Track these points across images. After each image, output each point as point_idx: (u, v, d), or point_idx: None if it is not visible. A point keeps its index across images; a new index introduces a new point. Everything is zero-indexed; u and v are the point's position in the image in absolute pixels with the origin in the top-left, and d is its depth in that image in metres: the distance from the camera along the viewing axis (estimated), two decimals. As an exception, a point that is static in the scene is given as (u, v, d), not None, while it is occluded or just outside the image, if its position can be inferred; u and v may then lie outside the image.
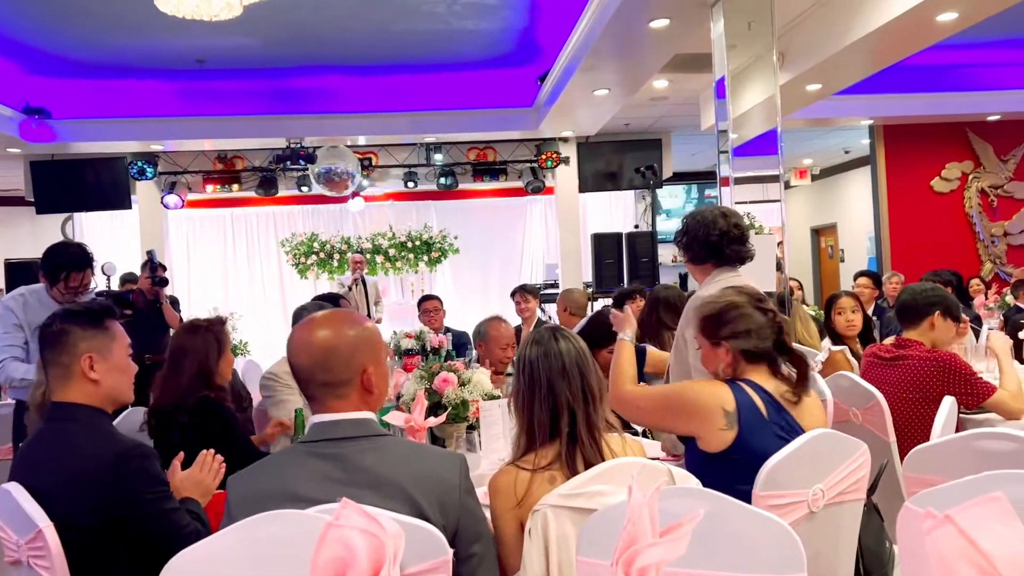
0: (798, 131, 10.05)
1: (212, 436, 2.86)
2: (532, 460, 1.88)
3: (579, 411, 1.90)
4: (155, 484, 1.91)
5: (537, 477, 1.84)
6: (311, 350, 1.61)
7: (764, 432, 2.11)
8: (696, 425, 2.16)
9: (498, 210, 12.14)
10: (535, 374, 1.95)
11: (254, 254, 12.24)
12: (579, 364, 1.95)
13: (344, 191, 9.26)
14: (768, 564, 1.48)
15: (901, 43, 6.26)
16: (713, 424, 2.12)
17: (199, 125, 8.83)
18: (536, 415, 1.93)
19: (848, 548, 2.11)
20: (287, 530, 1.40)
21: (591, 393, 1.94)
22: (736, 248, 2.96)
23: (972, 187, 9.96)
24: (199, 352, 2.92)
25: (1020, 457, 1.91)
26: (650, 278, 9.54)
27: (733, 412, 2.12)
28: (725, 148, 5.01)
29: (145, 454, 1.92)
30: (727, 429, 2.11)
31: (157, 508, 1.89)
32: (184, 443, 2.78)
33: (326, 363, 1.60)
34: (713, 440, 2.13)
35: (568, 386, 1.92)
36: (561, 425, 1.90)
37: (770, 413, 2.14)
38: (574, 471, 1.84)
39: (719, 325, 2.22)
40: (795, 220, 13.99)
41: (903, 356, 3.16)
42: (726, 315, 2.22)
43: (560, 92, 7.72)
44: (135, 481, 1.87)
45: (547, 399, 1.92)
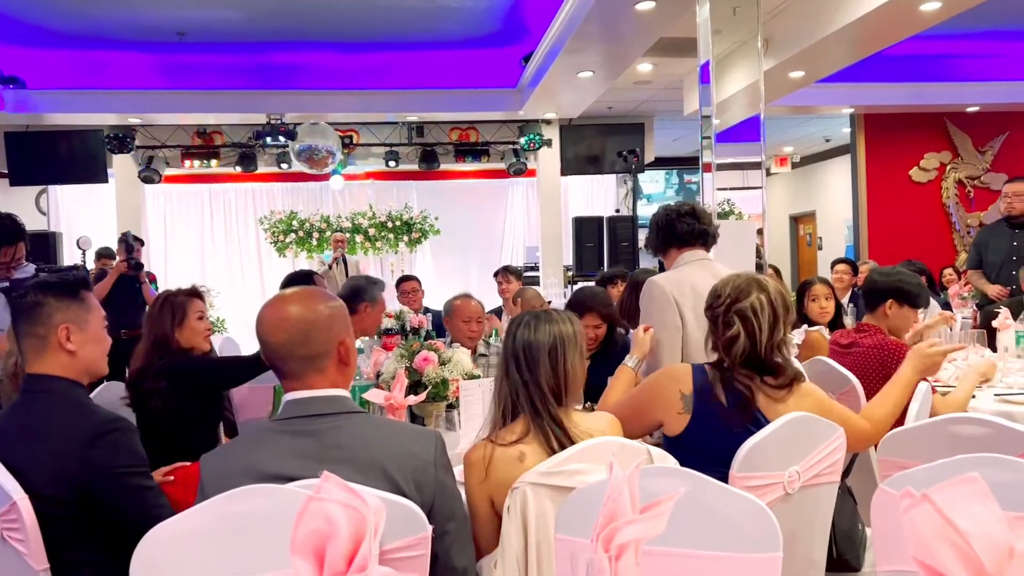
0: (779, 118, 10.10)
1: (185, 380, 2.89)
2: (501, 436, 1.90)
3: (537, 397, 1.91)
4: (130, 459, 1.89)
5: (504, 453, 1.85)
6: (287, 325, 1.60)
7: (718, 418, 2.10)
8: (660, 411, 2.16)
9: (479, 191, 12.10)
10: (510, 350, 1.97)
11: (232, 231, 12.12)
12: (551, 351, 1.94)
13: (324, 169, 9.19)
14: (744, 543, 1.49)
15: (884, 32, 6.29)
16: (672, 407, 2.13)
17: (178, 99, 8.71)
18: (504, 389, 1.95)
19: (823, 530, 2.14)
20: (262, 505, 1.39)
21: (557, 382, 1.94)
22: (689, 222, 2.96)
23: (950, 177, 10.07)
24: (157, 321, 2.99)
25: (993, 441, 1.94)
26: (630, 262, 9.58)
27: (690, 395, 2.13)
28: (708, 134, 5.01)
29: (122, 427, 1.89)
30: (684, 412, 2.12)
31: (130, 484, 1.87)
32: (165, 407, 2.79)
33: (306, 337, 1.59)
34: (673, 424, 2.14)
35: (536, 369, 1.92)
36: (535, 402, 1.91)
37: (729, 400, 2.12)
38: (549, 446, 1.85)
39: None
40: (774, 207, 14.08)
41: (856, 343, 3.18)
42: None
43: (544, 73, 7.69)
44: (110, 454, 1.84)
45: (516, 376, 1.94)
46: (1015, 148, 10.09)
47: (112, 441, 1.85)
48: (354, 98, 8.94)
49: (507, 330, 2.03)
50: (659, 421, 2.16)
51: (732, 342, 2.13)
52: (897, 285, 3.21)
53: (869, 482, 2.78)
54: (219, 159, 9.64)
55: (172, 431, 2.80)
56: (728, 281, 2.23)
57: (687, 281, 2.89)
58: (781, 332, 2.17)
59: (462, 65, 8.68)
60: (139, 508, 1.86)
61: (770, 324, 2.13)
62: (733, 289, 2.18)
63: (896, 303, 3.18)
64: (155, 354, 2.94)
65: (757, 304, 2.14)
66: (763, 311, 2.13)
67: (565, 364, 1.96)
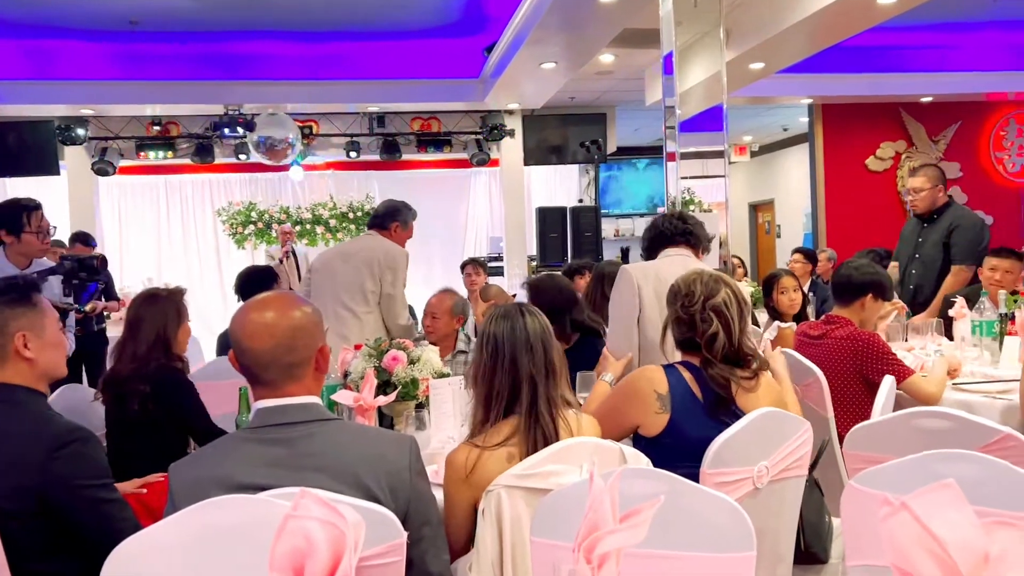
0: (738, 108, 10.18)
1: (173, 406, 2.81)
2: (487, 438, 1.88)
3: (540, 385, 1.91)
4: (92, 470, 1.84)
5: (492, 455, 1.84)
6: (274, 332, 1.56)
7: (697, 415, 2.14)
8: (636, 413, 2.17)
9: (442, 182, 12.04)
10: (499, 346, 1.95)
11: (189, 223, 11.92)
12: (543, 339, 1.96)
13: (284, 160, 9.05)
14: (719, 543, 1.51)
15: (843, 24, 6.37)
16: (649, 408, 2.15)
17: (132, 89, 8.49)
18: (496, 387, 1.93)
19: (790, 523, 2.17)
20: (235, 516, 1.37)
21: (552, 368, 1.95)
22: (674, 222, 3.03)
23: (905, 166, 10.25)
24: (157, 320, 2.88)
25: (957, 435, 1.99)
26: (594, 252, 9.63)
27: (666, 395, 2.15)
28: (672, 124, 5.04)
29: (83, 438, 1.85)
30: (662, 412, 2.14)
31: (91, 496, 1.83)
32: (143, 413, 2.73)
33: (291, 343, 1.56)
34: (650, 425, 2.15)
35: (532, 360, 1.92)
36: (522, 397, 1.90)
37: (706, 395, 2.16)
38: (533, 446, 1.84)
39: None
40: (733, 196, 14.22)
41: (827, 334, 3.21)
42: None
43: (507, 64, 7.66)
44: (70, 466, 1.80)
45: (509, 371, 1.92)
46: (967, 137, 10.32)
47: (73, 452, 1.80)
48: (314, 88, 8.81)
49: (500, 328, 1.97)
50: (636, 423, 2.17)
51: (713, 338, 2.18)
52: (875, 279, 3.28)
53: (833, 472, 2.83)
54: (175, 150, 9.44)
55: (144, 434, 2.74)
56: (694, 279, 2.27)
57: (653, 267, 2.97)
58: (746, 322, 2.27)
59: (424, 55, 8.60)
60: (101, 521, 1.82)
61: (739, 316, 2.23)
62: (703, 287, 2.22)
63: (874, 297, 3.25)
64: (153, 354, 2.84)
65: (728, 298, 2.22)
66: (732, 305, 2.22)
67: (559, 347, 2.02)
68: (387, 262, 4.00)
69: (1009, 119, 10.37)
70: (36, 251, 3.63)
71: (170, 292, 2.99)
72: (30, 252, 3.61)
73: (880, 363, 3.03)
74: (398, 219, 4.14)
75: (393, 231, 4.13)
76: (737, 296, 2.25)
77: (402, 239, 4.15)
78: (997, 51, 9.44)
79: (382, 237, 4.12)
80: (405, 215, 4.17)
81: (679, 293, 2.27)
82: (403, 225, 4.15)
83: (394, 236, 4.13)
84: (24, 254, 3.60)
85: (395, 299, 3.98)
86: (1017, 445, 1.97)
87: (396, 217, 4.15)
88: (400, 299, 4.02)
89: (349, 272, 4.03)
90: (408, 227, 4.19)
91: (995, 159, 10.39)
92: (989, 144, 10.37)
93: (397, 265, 4.01)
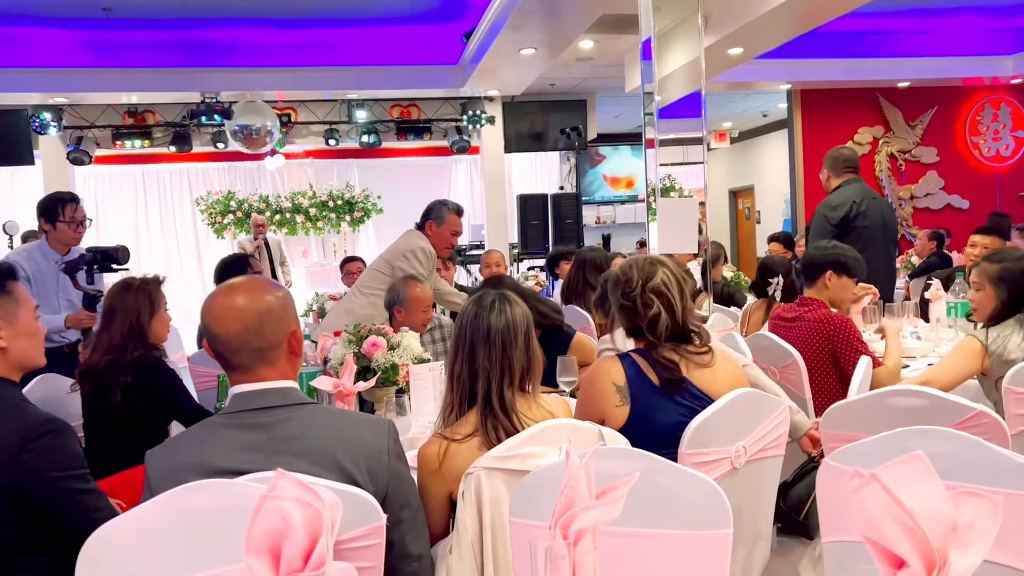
0: (718, 94, 10.21)
1: (157, 394, 2.79)
2: (455, 429, 1.88)
3: (493, 382, 1.88)
4: (66, 461, 1.82)
5: (461, 447, 1.84)
6: (242, 316, 1.56)
7: (657, 401, 2.13)
8: (599, 408, 2.15)
9: (423, 169, 11.99)
10: (462, 332, 1.95)
11: (167, 213, 11.81)
12: (504, 335, 1.91)
13: (262, 148, 8.98)
14: (696, 520, 1.52)
15: (820, 9, 6.39)
16: (610, 402, 2.13)
17: (106, 77, 8.38)
18: (456, 371, 1.93)
19: (768, 502, 2.20)
20: (212, 501, 1.36)
21: (510, 368, 1.91)
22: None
23: (882, 151, 10.34)
24: (130, 310, 2.86)
25: (930, 413, 2.01)
26: (575, 239, 9.64)
27: (624, 386, 2.13)
28: (651, 110, 5.04)
29: (56, 429, 1.82)
30: (622, 404, 2.12)
31: (66, 487, 1.81)
32: (126, 404, 2.70)
33: (259, 327, 1.56)
34: (615, 417, 2.13)
35: (487, 355, 1.90)
36: (478, 388, 1.89)
37: (661, 378, 2.15)
38: (490, 442, 1.83)
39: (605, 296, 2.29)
40: (714, 182, 14.28)
41: (800, 317, 3.25)
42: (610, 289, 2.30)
43: (486, 50, 7.63)
44: (44, 457, 1.77)
45: (467, 360, 1.92)
46: (943, 122, 10.41)
47: (46, 444, 1.78)
48: (292, 76, 8.74)
49: (472, 313, 1.96)
50: (600, 418, 2.16)
51: (656, 320, 2.18)
52: (833, 257, 3.32)
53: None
54: (152, 139, 9.33)
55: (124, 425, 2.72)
56: (629, 266, 2.29)
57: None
58: (688, 299, 2.26)
59: (402, 42, 8.54)
60: (77, 513, 1.80)
61: (680, 294, 2.23)
62: (640, 272, 2.23)
63: (835, 274, 3.29)
64: (127, 345, 2.81)
65: (666, 278, 2.22)
66: (672, 284, 2.22)
67: (533, 344, 1.98)
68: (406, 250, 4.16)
69: (985, 104, 10.47)
70: (70, 240, 3.99)
71: (143, 281, 2.96)
72: (66, 240, 3.97)
73: (848, 347, 3.07)
74: (431, 217, 4.27)
75: (429, 229, 4.25)
76: (676, 275, 2.25)
77: (443, 236, 4.27)
78: (973, 36, 9.52)
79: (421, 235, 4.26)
80: (439, 211, 4.28)
81: (618, 282, 2.27)
82: (438, 222, 4.26)
83: (432, 234, 4.25)
84: (61, 242, 3.96)
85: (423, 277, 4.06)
86: (990, 421, 2.00)
87: (429, 216, 4.29)
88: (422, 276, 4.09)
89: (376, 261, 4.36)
90: (445, 221, 4.26)
91: (971, 143, 10.49)
92: (965, 129, 10.47)
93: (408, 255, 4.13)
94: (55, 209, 3.94)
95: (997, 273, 2.78)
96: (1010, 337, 2.70)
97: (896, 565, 0.93)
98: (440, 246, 4.28)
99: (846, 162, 4.74)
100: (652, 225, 5.13)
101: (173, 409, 2.85)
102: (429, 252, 4.16)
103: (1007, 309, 2.76)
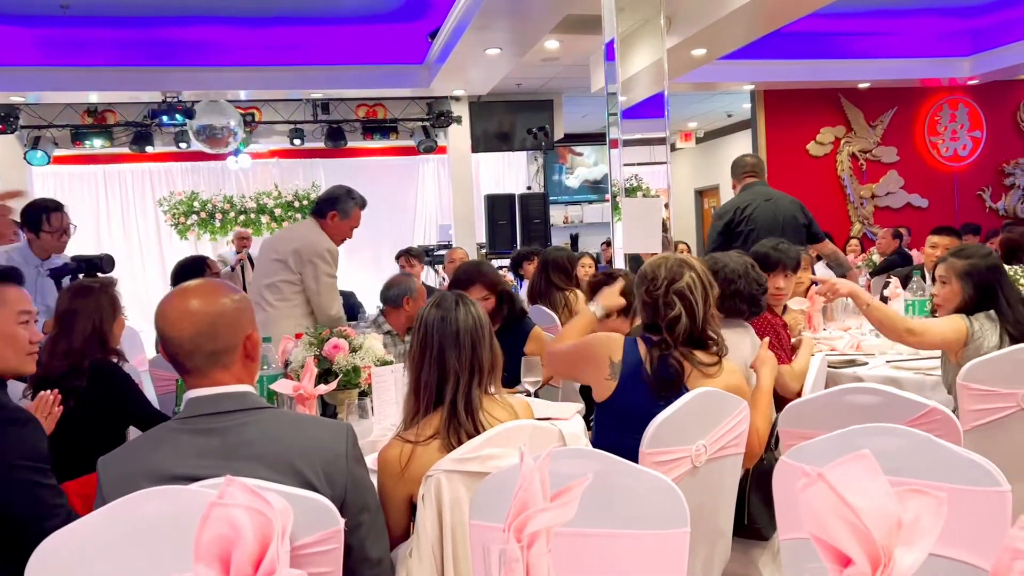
0: (683, 95, 10.29)
1: (113, 400, 2.74)
2: (417, 432, 1.87)
3: (463, 382, 1.88)
4: (29, 451, 1.80)
5: (425, 449, 1.83)
6: (194, 319, 1.54)
7: (642, 389, 2.17)
8: (591, 372, 2.23)
9: (390, 169, 11.93)
10: (428, 336, 1.93)
11: (130, 214, 11.63)
12: (473, 335, 1.91)
13: (225, 148, 8.88)
14: (653, 520, 1.53)
15: (782, 9, 6.48)
16: (601, 372, 2.19)
17: (65, 76, 8.23)
18: (424, 377, 1.91)
19: (728, 500, 2.22)
20: (166, 508, 1.34)
21: (479, 366, 1.91)
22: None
23: (844, 151, 10.49)
24: (92, 314, 2.80)
25: (885, 409, 2.04)
26: (542, 239, 9.66)
27: (618, 363, 2.18)
28: (614, 111, 5.07)
29: (22, 419, 1.81)
30: (611, 379, 2.18)
31: (25, 479, 1.78)
32: (81, 410, 2.65)
33: (213, 330, 1.54)
34: (600, 388, 2.20)
35: (457, 355, 1.89)
36: (446, 391, 1.88)
37: (656, 374, 2.19)
38: (450, 444, 1.82)
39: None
40: (680, 182, 14.40)
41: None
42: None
43: (451, 50, 7.61)
44: (7, 447, 1.76)
45: (436, 363, 1.90)
46: (903, 122, 10.59)
47: (13, 435, 1.77)
48: (255, 75, 8.65)
49: (438, 316, 1.93)
50: (587, 381, 2.22)
51: (675, 322, 2.21)
52: (757, 253, 3.35)
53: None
54: (112, 139, 9.18)
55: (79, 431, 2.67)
56: (658, 264, 2.31)
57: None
58: (711, 306, 2.28)
59: (367, 41, 8.50)
60: (33, 505, 1.78)
61: (703, 299, 2.25)
62: (667, 271, 2.25)
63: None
64: (87, 349, 2.76)
65: (692, 282, 2.24)
66: (697, 288, 2.25)
67: (495, 341, 1.98)
68: (307, 255, 3.74)
69: (943, 104, 10.67)
70: (53, 248, 3.99)
71: (103, 284, 2.92)
72: (49, 248, 3.98)
73: (774, 343, 3.08)
74: (336, 208, 3.85)
75: (331, 220, 3.85)
76: (703, 280, 2.27)
77: (342, 229, 3.89)
78: (931, 38, 9.70)
79: (318, 226, 3.86)
80: (345, 203, 3.86)
81: (644, 277, 2.29)
82: (343, 214, 3.85)
83: (332, 225, 3.85)
84: (44, 249, 3.97)
85: (318, 293, 3.73)
86: (942, 418, 2.03)
87: (335, 205, 3.86)
88: (325, 293, 3.75)
89: (267, 263, 3.85)
90: (350, 216, 3.88)
91: (930, 143, 10.68)
92: (924, 129, 10.66)
93: (316, 259, 3.73)
94: (38, 219, 3.88)
95: (964, 269, 2.83)
96: (988, 335, 2.75)
97: (843, 563, 0.94)
98: (337, 238, 3.88)
99: (744, 168, 4.80)
100: (617, 225, 5.17)
101: (129, 413, 2.81)
102: (335, 252, 3.82)
103: (972, 303, 2.81)
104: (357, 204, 3.91)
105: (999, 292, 2.79)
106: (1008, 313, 2.76)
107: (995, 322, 2.77)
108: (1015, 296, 2.82)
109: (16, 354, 1.94)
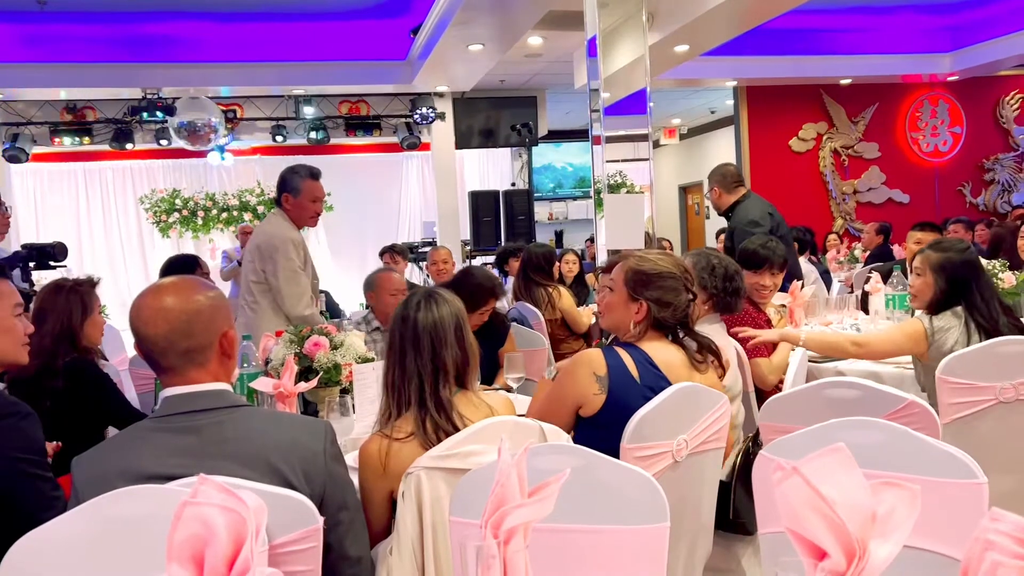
0: (667, 91, 10.31)
1: (89, 399, 2.72)
2: (395, 429, 1.86)
3: (426, 382, 1.87)
4: (28, 443, 1.82)
5: (404, 445, 1.83)
6: (169, 316, 1.52)
7: (633, 393, 2.16)
8: (578, 395, 2.17)
9: (373, 166, 11.89)
10: (392, 336, 1.93)
11: (111, 211, 11.54)
12: (432, 334, 1.90)
13: (207, 145, 8.81)
14: (634, 515, 1.53)
15: (764, 6, 6.49)
16: (589, 390, 2.15)
17: (42, 72, 8.13)
18: (390, 377, 1.92)
19: (710, 494, 2.22)
20: (141, 507, 1.33)
21: (443, 366, 1.89)
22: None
23: (826, 147, 10.55)
24: (61, 312, 2.78)
25: (864, 403, 2.06)
26: (527, 235, 9.65)
27: (604, 376, 2.16)
28: (597, 107, 5.07)
29: (22, 412, 1.82)
30: (600, 392, 2.15)
31: (25, 470, 1.80)
32: (58, 409, 2.62)
33: (188, 328, 1.52)
34: (591, 404, 2.16)
35: (416, 356, 1.88)
36: (411, 391, 1.88)
37: (642, 376, 2.19)
38: (429, 442, 1.82)
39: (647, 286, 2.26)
40: (664, 178, 14.43)
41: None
42: (660, 281, 2.25)
43: (434, 46, 7.58)
44: (6, 436, 1.77)
45: (399, 363, 1.90)
46: (884, 118, 10.66)
47: (9, 426, 1.77)
48: (237, 71, 8.58)
49: (399, 315, 1.94)
50: (578, 405, 2.17)
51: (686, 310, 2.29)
52: (740, 252, 3.37)
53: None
54: (92, 136, 9.10)
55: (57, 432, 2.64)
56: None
57: None
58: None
59: (349, 36, 8.46)
60: (32, 496, 1.79)
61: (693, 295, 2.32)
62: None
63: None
64: (58, 348, 2.74)
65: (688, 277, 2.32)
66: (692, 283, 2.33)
67: (467, 339, 1.96)
68: (266, 250, 3.57)
69: (923, 100, 10.75)
70: None
71: (75, 283, 2.89)
72: None
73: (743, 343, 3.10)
74: (286, 189, 3.65)
75: (286, 203, 3.64)
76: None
77: (302, 206, 3.65)
78: (912, 35, 9.77)
79: (280, 216, 3.68)
80: (292, 181, 3.65)
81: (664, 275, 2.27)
82: (294, 192, 3.62)
83: (291, 209, 3.65)
84: None
85: (279, 290, 3.54)
86: (920, 411, 2.05)
87: (284, 187, 3.67)
88: (286, 289, 3.53)
89: (245, 263, 3.76)
90: (302, 191, 3.63)
91: (911, 139, 10.76)
92: (905, 125, 10.74)
93: (275, 253, 3.55)
94: None
95: (939, 262, 2.85)
96: (950, 332, 2.76)
97: (818, 555, 0.94)
98: (303, 218, 3.67)
99: (734, 177, 4.76)
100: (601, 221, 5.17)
101: (106, 413, 2.78)
102: (297, 241, 3.60)
103: (944, 297, 2.83)
104: (303, 176, 3.69)
105: (972, 286, 2.80)
106: (982, 308, 2.77)
107: (960, 318, 2.78)
108: (990, 291, 2.84)
109: (14, 345, 1.99)
